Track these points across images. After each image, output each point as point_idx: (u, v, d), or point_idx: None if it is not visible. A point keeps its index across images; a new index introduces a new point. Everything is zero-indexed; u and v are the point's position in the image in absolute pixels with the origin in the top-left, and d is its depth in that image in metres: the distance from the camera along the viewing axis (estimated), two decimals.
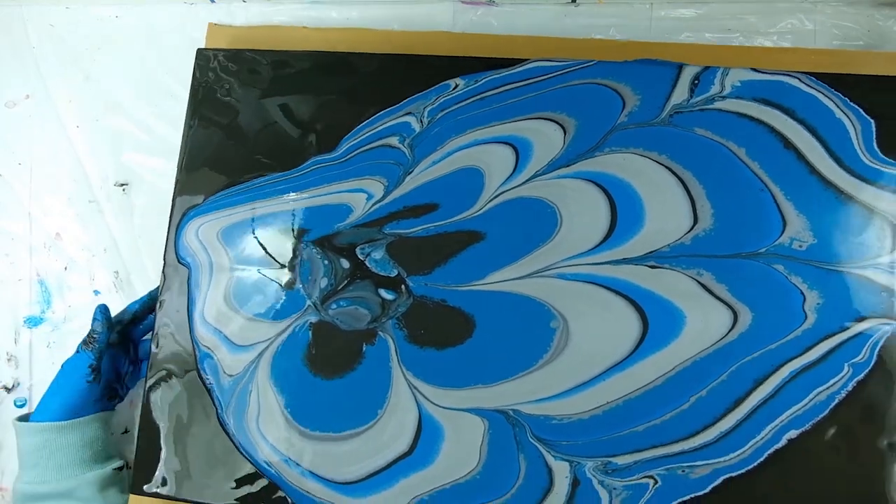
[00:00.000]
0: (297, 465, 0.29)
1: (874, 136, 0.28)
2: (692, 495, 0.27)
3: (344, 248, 0.32)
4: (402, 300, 0.30)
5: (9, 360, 0.40)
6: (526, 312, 0.29)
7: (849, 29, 0.36)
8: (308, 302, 0.31)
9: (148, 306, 0.33)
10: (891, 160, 0.28)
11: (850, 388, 0.27)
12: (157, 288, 0.32)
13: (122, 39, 0.40)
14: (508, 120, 0.32)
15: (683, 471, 0.27)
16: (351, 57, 0.33)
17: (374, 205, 0.32)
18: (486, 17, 0.39)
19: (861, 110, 0.29)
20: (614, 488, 0.28)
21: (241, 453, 0.29)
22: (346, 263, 0.31)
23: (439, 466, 0.29)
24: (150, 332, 0.31)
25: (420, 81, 0.32)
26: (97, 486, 0.29)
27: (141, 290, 0.41)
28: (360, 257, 0.31)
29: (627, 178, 0.30)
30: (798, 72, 0.30)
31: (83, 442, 0.29)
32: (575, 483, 0.28)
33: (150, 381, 0.30)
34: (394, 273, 0.31)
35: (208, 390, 0.30)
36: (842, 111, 0.29)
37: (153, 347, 0.31)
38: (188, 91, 0.36)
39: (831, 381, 0.27)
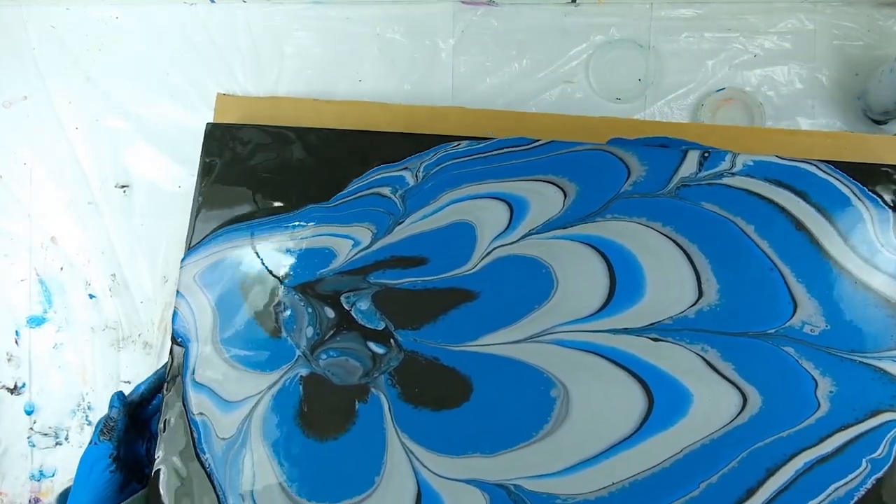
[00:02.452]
0: None
1: (891, 225, 0.33)
2: None
3: (328, 296, 0.35)
4: (392, 354, 0.34)
5: (9, 360, 0.45)
6: (525, 378, 0.33)
7: (849, 29, 0.42)
8: (297, 352, 0.35)
9: (155, 386, 0.36)
10: None
11: (868, 485, 0.30)
12: (165, 366, 0.35)
13: (122, 40, 0.45)
14: (507, 179, 0.36)
15: None
16: (358, 134, 0.37)
17: (359, 251, 0.36)
18: (487, 17, 0.44)
19: (879, 200, 0.33)
20: None
21: None
22: (330, 313, 0.35)
23: None
24: (159, 412, 0.35)
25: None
26: None
27: (137, 295, 0.46)
28: (346, 307, 0.35)
29: (628, 245, 0.34)
30: (815, 160, 0.34)
31: None
32: None
33: (155, 467, 0.34)
34: (381, 326, 0.35)
35: (208, 475, 0.33)
36: (859, 199, 0.33)
37: (160, 430, 0.34)
38: (188, 92, 0.42)
39: (850, 477, 0.31)
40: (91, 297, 0.45)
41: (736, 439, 0.32)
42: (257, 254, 0.37)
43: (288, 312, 0.36)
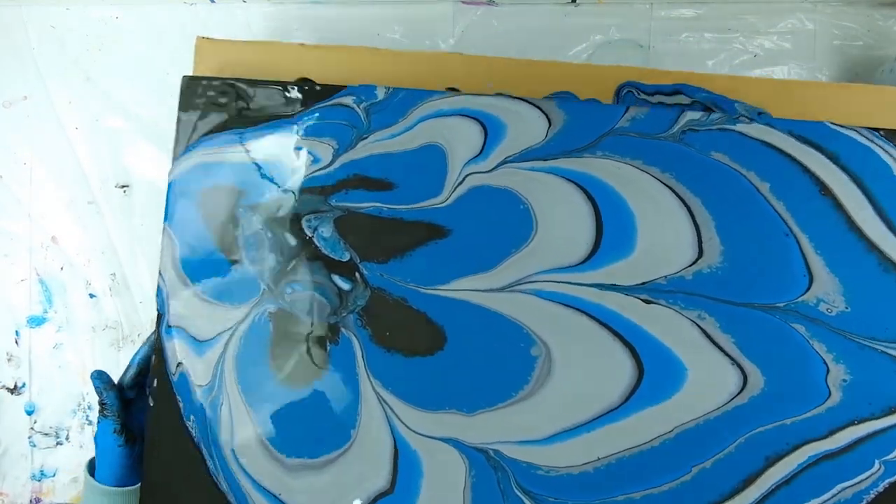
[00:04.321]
0: (282, 502, 0.37)
1: None
2: None
3: (288, 220, 0.37)
4: (359, 291, 0.37)
5: (9, 360, 0.51)
6: (503, 332, 0.35)
7: (849, 29, 0.46)
8: (262, 285, 0.38)
9: (149, 354, 0.39)
10: None
11: (880, 488, 0.32)
12: (154, 333, 0.38)
13: (122, 40, 0.49)
14: (484, 95, 0.35)
15: None
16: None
17: (319, 168, 0.38)
18: (487, 17, 0.48)
19: None
20: None
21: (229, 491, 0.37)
22: (291, 240, 0.37)
23: None
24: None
25: None
26: None
27: (137, 295, 0.52)
28: (307, 232, 0.37)
29: (618, 188, 0.34)
30: (860, 127, 0.33)
31: None
32: None
33: (148, 442, 0.38)
34: (345, 257, 0.37)
35: (195, 444, 0.38)
36: None
37: (149, 402, 0.38)
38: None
39: (859, 478, 0.32)
40: (91, 296, 0.51)
41: (734, 422, 0.33)
42: (211, 167, 0.39)
43: (248, 237, 0.39)
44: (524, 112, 0.36)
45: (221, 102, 0.39)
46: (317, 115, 0.38)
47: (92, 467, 0.39)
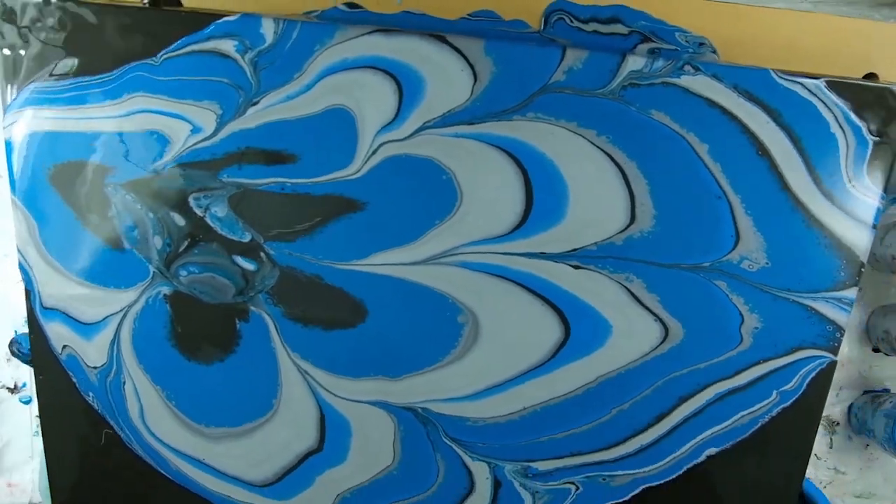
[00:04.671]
0: (208, 466, 0.38)
1: (867, 158, 0.34)
2: (613, 502, 0.38)
3: (171, 198, 0.35)
4: (266, 271, 0.35)
5: (8, 360, 0.50)
6: (427, 303, 0.35)
7: None
8: (151, 269, 0.36)
9: None
10: (875, 188, 0.34)
11: (774, 413, 0.36)
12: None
13: None
14: (397, 36, 0.32)
15: (604, 479, 0.37)
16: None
17: (201, 140, 0.34)
18: None
19: (864, 127, 0.34)
20: (536, 491, 0.38)
21: (153, 466, 0.38)
22: (179, 219, 0.35)
23: (353, 463, 0.37)
24: None
25: None
26: None
27: None
28: (198, 212, 0.35)
29: (550, 155, 0.34)
30: (805, 75, 0.33)
31: None
32: (497, 484, 0.38)
33: (42, 412, 0.37)
34: (246, 237, 0.35)
35: (100, 415, 0.37)
36: (839, 125, 0.34)
37: (35, 374, 0.37)
38: None
39: (757, 406, 0.36)
40: None
41: (652, 369, 0.36)
42: (58, 139, 0.35)
43: (124, 219, 0.35)
44: (445, 62, 0.33)
45: (54, 36, 0.33)
46: (190, 67, 0.33)
47: None
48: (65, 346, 0.37)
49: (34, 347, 0.36)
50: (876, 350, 0.49)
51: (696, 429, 0.37)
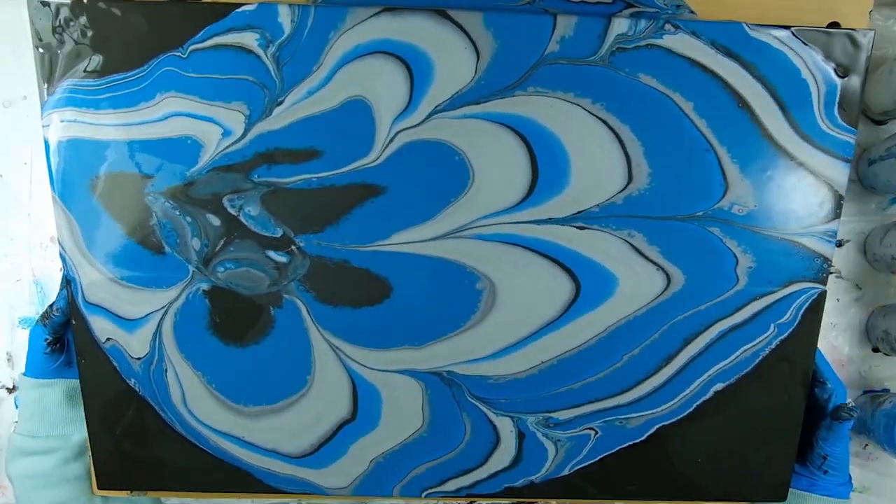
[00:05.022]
0: (247, 443, 0.41)
1: (837, 99, 0.37)
2: (630, 443, 0.41)
3: (206, 201, 0.38)
4: (297, 262, 0.38)
5: (8, 360, 0.54)
6: (446, 274, 0.38)
7: None
8: (190, 268, 0.39)
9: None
10: (847, 126, 0.37)
11: (773, 345, 0.40)
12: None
13: None
14: (405, 16, 0.34)
15: (621, 422, 0.41)
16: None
17: (232, 144, 0.37)
18: None
19: (831, 70, 0.37)
20: (558, 440, 0.41)
21: (193, 442, 0.41)
22: (215, 220, 0.38)
23: (384, 429, 0.41)
24: None
25: None
26: (79, 449, 0.41)
27: None
28: (231, 211, 0.37)
29: (551, 128, 0.36)
30: (775, 26, 0.36)
31: (74, 402, 0.41)
32: (521, 436, 0.41)
33: (85, 392, 0.41)
34: (278, 233, 0.38)
35: (141, 396, 0.41)
36: (809, 71, 0.37)
37: (78, 359, 0.40)
38: None
39: (757, 340, 0.40)
40: None
41: (658, 315, 0.40)
42: (97, 148, 0.37)
43: (164, 225, 0.38)
44: (449, 40, 0.36)
45: (86, 34, 0.35)
46: (216, 63, 0.35)
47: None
48: (108, 339, 0.40)
49: (77, 334, 0.39)
50: (875, 350, 0.51)
51: (702, 367, 0.40)
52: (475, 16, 0.35)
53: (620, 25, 0.36)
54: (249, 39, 0.36)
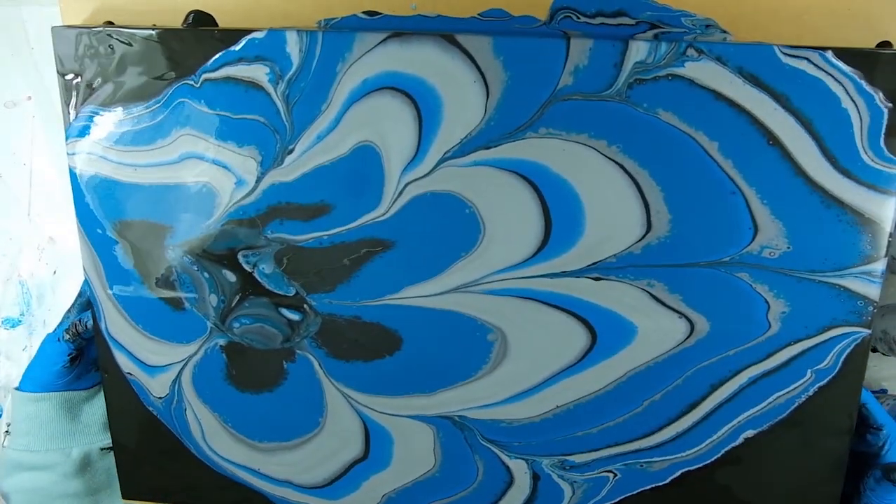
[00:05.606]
0: (262, 474, 0.43)
1: (883, 128, 0.34)
2: (653, 485, 0.40)
3: (223, 257, 0.39)
4: (310, 320, 0.40)
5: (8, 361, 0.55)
6: (457, 327, 0.38)
7: None
8: (209, 324, 0.41)
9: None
10: (894, 156, 0.34)
11: (810, 392, 0.38)
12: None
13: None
14: (411, 44, 0.34)
15: (642, 465, 0.39)
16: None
17: (245, 195, 0.38)
18: None
19: (877, 97, 0.33)
20: (575, 481, 0.41)
21: (209, 466, 0.43)
22: (230, 276, 0.40)
23: (396, 468, 0.42)
24: None
25: None
26: (80, 464, 0.42)
27: None
28: (246, 268, 0.39)
29: (565, 175, 0.35)
30: (811, 48, 0.33)
31: (72, 415, 0.42)
32: (535, 477, 0.40)
33: (111, 407, 0.43)
34: (290, 291, 0.39)
35: (162, 422, 0.43)
36: (850, 98, 0.33)
37: (103, 376, 0.42)
38: None
39: (792, 386, 0.38)
40: None
41: (680, 361, 0.38)
42: (122, 190, 0.39)
43: (183, 280, 0.40)
44: (457, 72, 0.35)
45: (105, 62, 0.37)
46: (227, 98, 0.36)
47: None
48: (129, 373, 0.42)
49: (100, 350, 0.41)
50: (874, 350, 0.49)
51: (731, 413, 0.39)
52: (484, 41, 0.34)
53: (639, 51, 0.34)
54: (260, 73, 0.36)
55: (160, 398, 0.43)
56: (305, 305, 0.40)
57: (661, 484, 0.40)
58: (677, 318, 0.37)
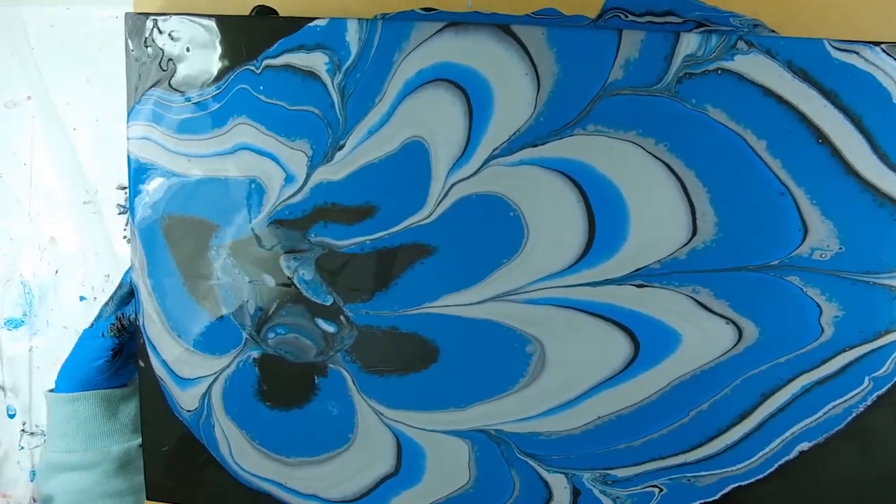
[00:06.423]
0: (289, 488, 0.43)
1: None
2: (701, 501, 0.39)
3: (265, 260, 0.40)
4: (345, 332, 0.40)
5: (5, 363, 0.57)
6: (495, 337, 0.38)
7: None
8: (244, 335, 0.41)
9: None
10: None
11: (869, 402, 0.37)
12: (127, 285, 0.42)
13: (122, 40, 0.50)
14: (467, 31, 0.35)
15: (689, 480, 0.39)
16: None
17: (294, 193, 0.39)
18: None
19: None
20: (618, 497, 0.40)
21: (237, 479, 0.44)
22: (270, 281, 0.40)
23: (428, 484, 0.41)
24: None
25: None
26: (120, 462, 0.42)
27: None
28: (287, 273, 0.39)
29: (611, 176, 0.36)
30: (862, 42, 0.33)
31: (110, 413, 0.42)
32: (575, 492, 0.40)
33: (144, 416, 0.44)
34: (328, 301, 0.39)
35: (190, 431, 0.44)
36: None
37: (139, 377, 0.44)
38: None
39: (849, 395, 0.37)
40: (82, 298, 0.57)
41: (729, 369, 0.37)
42: (174, 184, 0.40)
43: (224, 286, 0.41)
44: (511, 63, 0.36)
45: (172, 47, 0.39)
46: (286, 86, 0.38)
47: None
48: (161, 379, 0.43)
49: (138, 343, 0.42)
50: None
51: (784, 424, 0.38)
52: (538, 32, 0.35)
53: (690, 44, 0.34)
54: (318, 62, 0.37)
55: (189, 411, 0.43)
56: (342, 317, 0.40)
57: (710, 500, 0.39)
58: (724, 325, 0.37)
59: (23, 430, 0.60)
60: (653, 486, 0.40)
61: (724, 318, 0.37)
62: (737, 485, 0.39)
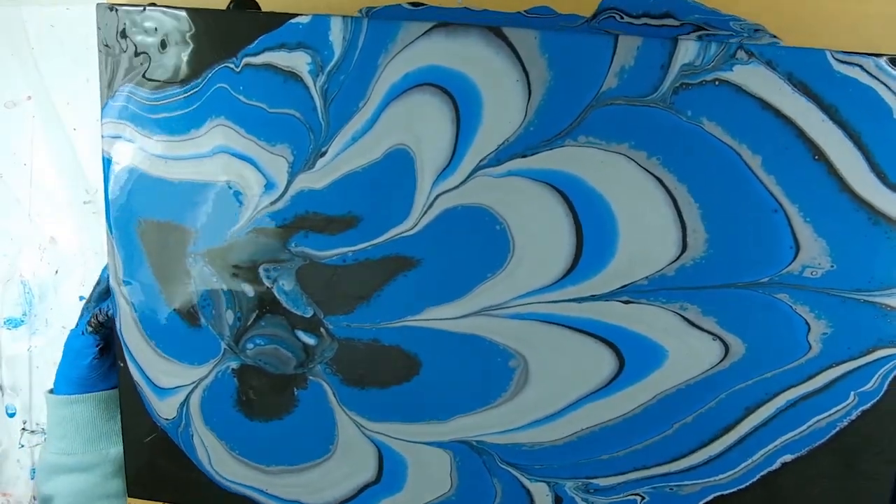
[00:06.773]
0: (270, 494, 0.43)
1: None
2: None
3: (244, 269, 0.39)
4: (326, 344, 0.39)
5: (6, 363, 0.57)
6: (478, 351, 0.38)
7: None
8: (223, 345, 0.40)
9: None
10: None
11: (853, 416, 0.37)
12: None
13: None
14: (457, 32, 0.34)
15: (671, 489, 0.39)
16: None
17: (273, 201, 0.38)
18: None
19: None
20: None
21: (216, 484, 0.44)
22: (249, 290, 0.39)
23: (409, 492, 0.41)
24: None
25: None
26: (118, 464, 0.43)
27: None
28: (266, 283, 0.39)
29: (601, 189, 0.35)
30: (865, 54, 0.32)
31: (108, 416, 0.43)
32: (557, 500, 0.40)
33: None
34: (308, 312, 0.39)
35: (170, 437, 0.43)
36: None
37: (119, 380, 0.43)
38: None
39: (833, 409, 0.37)
40: (81, 298, 0.57)
41: (714, 384, 0.38)
42: (151, 185, 0.39)
43: (202, 295, 0.40)
44: (501, 69, 0.35)
45: (148, 40, 0.37)
46: (265, 86, 0.36)
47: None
48: (138, 385, 0.42)
49: (116, 343, 0.42)
50: None
51: (767, 437, 0.39)
52: (530, 36, 0.34)
53: (688, 52, 0.34)
54: (300, 63, 0.36)
55: (167, 420, 0.43)
56: (322, 329, 0.39)
57: None
58: (711, 341, 0.37)
59: (23, 429, 0.60)
60: (635, 495, 0.40)
61: (711, 334, 0.37)
62: (719, 494, 0.40)
